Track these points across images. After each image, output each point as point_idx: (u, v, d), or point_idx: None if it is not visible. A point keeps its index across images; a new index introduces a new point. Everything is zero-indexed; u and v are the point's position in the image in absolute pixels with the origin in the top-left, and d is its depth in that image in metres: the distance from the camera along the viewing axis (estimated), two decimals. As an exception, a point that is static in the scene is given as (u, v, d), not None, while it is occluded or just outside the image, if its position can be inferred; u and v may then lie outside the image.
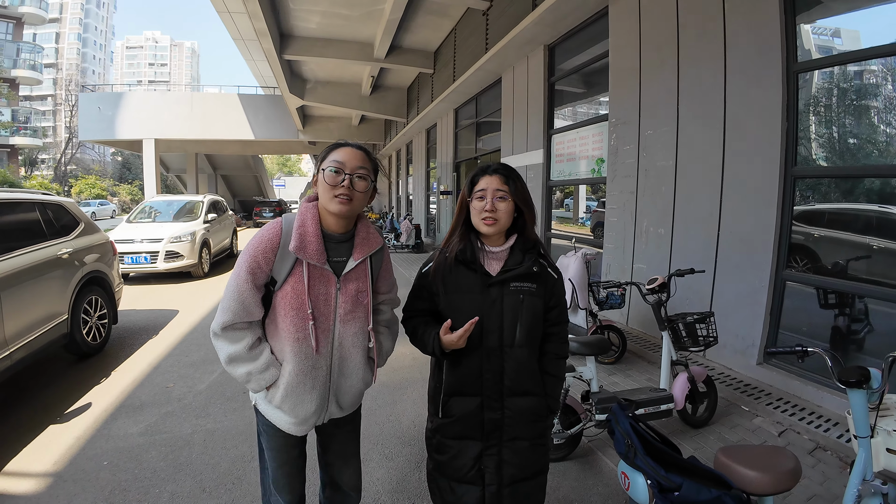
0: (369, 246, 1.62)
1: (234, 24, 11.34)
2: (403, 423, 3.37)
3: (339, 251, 1.58)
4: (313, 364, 1.56)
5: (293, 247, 1.48)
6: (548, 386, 1.62)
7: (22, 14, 33.57)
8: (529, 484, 1.60)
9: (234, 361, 1.53)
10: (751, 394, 3.67)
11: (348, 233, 1.61)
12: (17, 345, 3.52)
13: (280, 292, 1.53)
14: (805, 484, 2.58)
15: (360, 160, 1.54)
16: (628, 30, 5.33)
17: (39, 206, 4.34)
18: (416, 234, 13.59)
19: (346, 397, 1.69)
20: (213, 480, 2.72)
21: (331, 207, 1.51)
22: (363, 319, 1.64)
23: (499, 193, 1.52)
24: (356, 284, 1.60)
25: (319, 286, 1.54)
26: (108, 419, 3.49)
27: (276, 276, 1.52)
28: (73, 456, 3.00)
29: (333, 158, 1.53)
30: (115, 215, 31.78)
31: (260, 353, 1.55)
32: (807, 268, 3.81)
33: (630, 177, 5.35)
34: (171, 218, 9.81)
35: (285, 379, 1.55)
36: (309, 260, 1.50)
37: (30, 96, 50.17)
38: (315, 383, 1.58)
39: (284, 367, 1.55)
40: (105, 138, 23.71)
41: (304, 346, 1.53)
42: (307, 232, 1.52)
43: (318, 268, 1.53)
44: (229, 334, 1.52)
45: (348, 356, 1.63)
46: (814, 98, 3.78)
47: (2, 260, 3.54)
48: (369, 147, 1.89)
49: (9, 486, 2.69)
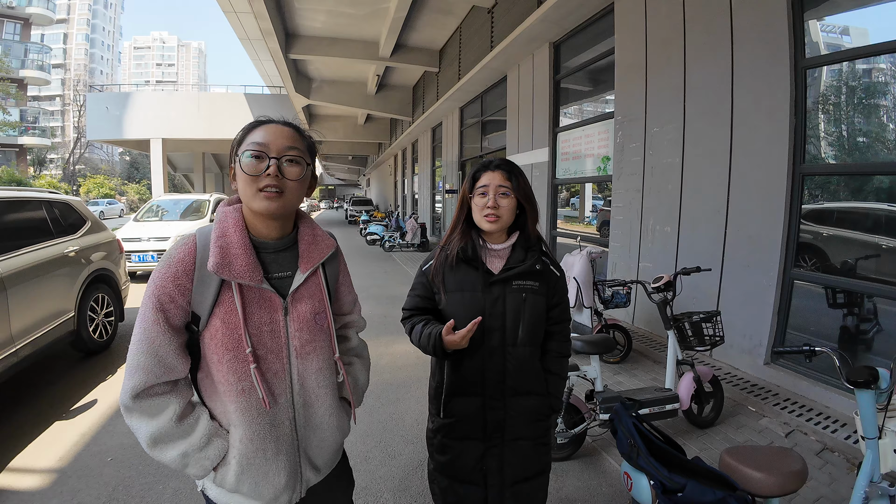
0: (320, 251, 1.26)
1: (240, 24, 11.37)
2: (406, 422, 3.36)
3: (279, 264, 1.22)
4: (270, 421, 1.17)
5: (213, 265, 1.09)
6: (550, 385, 1.60)
7: (29, 15, 33.81)
8: (531, 484, 1.59)
9: (161, 442, 1.10)
10: (758, 394, 3.64)
11: (288, 237, 1.24)
12: (23, 342, 3.54)
13: (207, 331, 1.13)
14: (812, 485, 2.55)
15: (289, 138, 1.17)
16: (634, 26, 5.29)
17: (46, 204, 4.37)
18: (422, 232, 13.59)
19: (322, 454, 1.29)
20: (216, 478, 2.72)
21: (255, 205, 1.14)
22: (326, 349, 1.27)
23: (501, 190, 1.49)
24: (310, 304, 1.23)
25: (260, 314, 1.16)
26: (113, 416, 3.51)
27: (197, 311, 1.13)
28: (77, 452, 3.02)
29: (252, 140, 1.14)
30: (124, 214, 32.00)
31: (195, 422, 1.13)
32: (815, 267, 3.77)
33: (636, 175, 5.31)
34: (178, 217, 9.86)
35: (237, 450, 1.15)
36: (239, 280, 1.11)
37: (38, 96, 50.67)
38: (279, 447, 1.18)
39: (232, 434, 1.15)
40: (113, 138, 23.90)
41: (252, 399, 1.14)
42: (230, 243, 1.13)
43: (253, 289, 1.15)
44: (146, 405, 1.09)
45: (315, 401, 1.25)
46: (822, 95, 3.74)
47: (9, 257, 3.56)
48: (303, 126, 1.25)
49: (14, 482, 2.71)
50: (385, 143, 24.84)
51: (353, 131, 23.35)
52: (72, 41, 62.41)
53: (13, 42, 32.61)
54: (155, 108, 22.83)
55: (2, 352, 3.32)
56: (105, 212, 29.37)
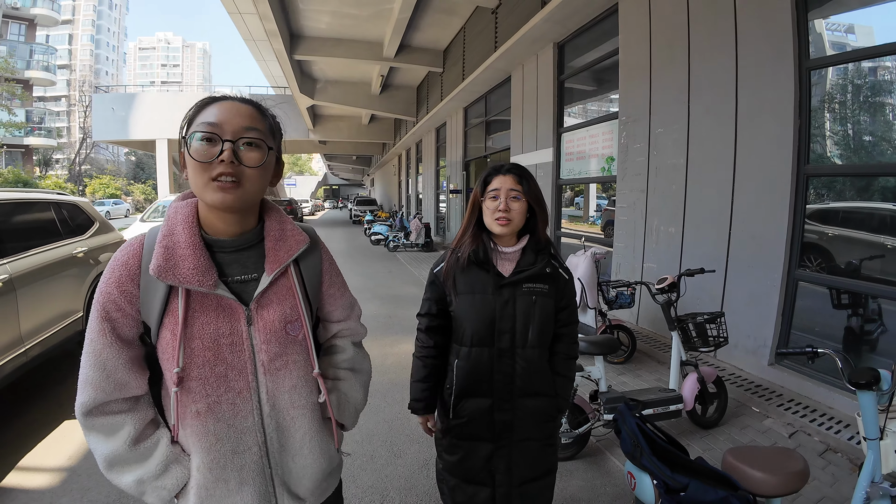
0: (288, 249, 1.07)
1: (245, 26, 11.44)
2: (412, 422, 3.38)
3: (241, 265, 1.04)
4: (233, 448, 1.01)
5: (154, 268, 0.94)
6: (558, 386, 1.62)
7: (34, 16, 33.98)
8: (539, 483, 1.61)
9: (116, 465, 0.98)
10: (762, 395, 3.64)
11: (251, 234, 1.06)
12: (33, 342, 3.58)
13: (159, 345, 0.98)
14: (815, 486, 2.56)
15: (247, 118, 0.99)
16: (638, 26, 5.30)
17: (54, 205, 4.41)
18: (426, 232, 13.62)
19: (304, 482, 1.11)
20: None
21: (207, 198, 0.96)
22: (302, 363, 1.09)
23: (512, 193, 1.51)
24: (279, 311, 1.05)
25: (218, 323, 0.99)
26: (122, 415, 3.55)
27: (147, 321, 0.98)
28: (87, 451, 3.04)
29: (202, 120, 0.96)
30: (129, 214, 32.16)
31: (152, 447, 1.00)
32: (820, 267, 3.77)
33: (640, 175, 5.32)
34: (183, 217, 9.92)
35: (195, 479, 1.01)
36: (186, 284, 0.95)
37: (44, 97, 50.91)
38: (243, 477, 1.02)
39: (191, 461, 1.01)
40: (119, 138, 24.11)
41: (209, 422, 0.99)
42: (177, 242, 0.97)
43: (208, 296, 0.99)
44: (99, 423, 0.97)
45: (290, 424, 1.08)
46: (828, 95, 3.74)
47: (18, 258, 3.60)
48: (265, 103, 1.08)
49: (24, 481, 2.74)
50: (389, 144, 24.88)
51: (357, 131, 23.42)
52: (77, 42, 62.78)
53: (18, 43, 32.77)
54: (160, 109, 23.00)
55: (12, 351, 3.35)
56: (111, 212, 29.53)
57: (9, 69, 25.93)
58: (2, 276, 3.33)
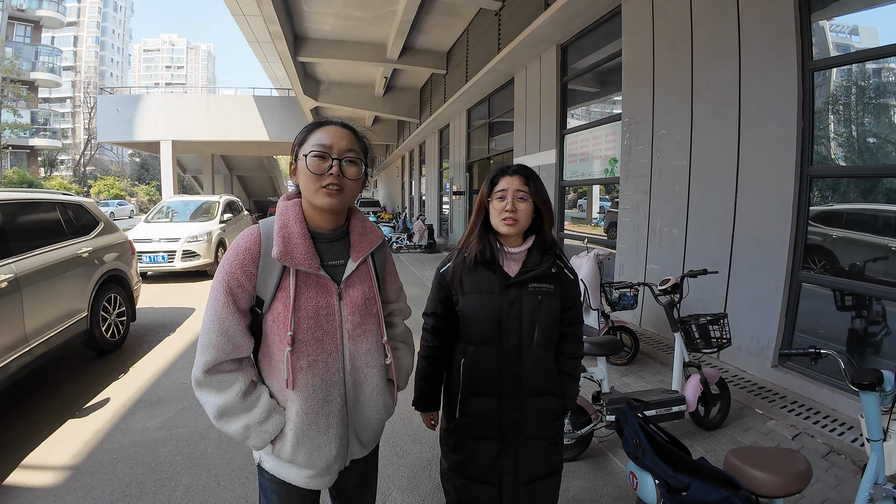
0: (369, 241, 1.37)
1: (249, 28, 11.49)
2: (414, 422, 3.39)
3: (333, 253, 1.32)
4: (324, 397, 1.28)
5: (277, 253, 1.21)
6: (564, 385, 1.63)
7: (40, 17, 34.04)
8: (545, 482, 1.61)
9: (227, 415, 1.22)
10: (765, 396, 3.64)
11: (341, 229, 1.35)
12: (37, 341, 3.61)
13: (270, 314, 1.25)
14: (818, 487, 2.56)
15: (349, 141, 1.28)
16: (641, 28, 5.30)
17: (59, 205, 4.44)
18: (429, 234, 13.63)
19: (368, 431, 1.41)
20: (228, 475, 2.77)
21: (317, 201, 1.25)
22: (376, 332, 1.38)
23: (519, 194, 1.53)
24: (361, 290, 1.34)
25: (318, 298, 1.26)
26: (126, 414, 3.57)
27: (261, 295, 1.24)
28: (91, 449, 3.07)
29: (316, 142, 1.25)
30: (133, 215, 32.35)
31: (257, 399, 1.25)
32: (824, 269, 3.76)
33: (643, 176, 5.32)
34: (188, 218, 9.97)
35: (293, 423, 1.26)
36: (298, 266, 1.23)
37: (49, 98, 51.21)
38: (330, 421, 1.29)
39: (289, 408, 1.27)
40: (123, 140, 24.17)
41: (308, 376, 1.26)
42: (291, 233, 1.24)
43: (311, 276, 1.26)
44: (215, 380, 1.21)
45: (364, 380, 1.36)
46: (832, 96, 3.73)
47: (23, 258, 3.63)
48: (358, 126, 1.38)
49: (28, 479, 2.76)
50: (392, 145, 24.91)
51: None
52: (82, 44, 63.07)
53: (24, 44, 32.90)
54: (165, 111, 23.08)
55: (16, 351, 3.38)
56: (115, 213, 29.69)
57: (14, 70, 26.07)
58: (7, 276, 3.36)
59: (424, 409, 1.72)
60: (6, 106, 26.44)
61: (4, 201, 3.71)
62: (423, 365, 1.69)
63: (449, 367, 1.67)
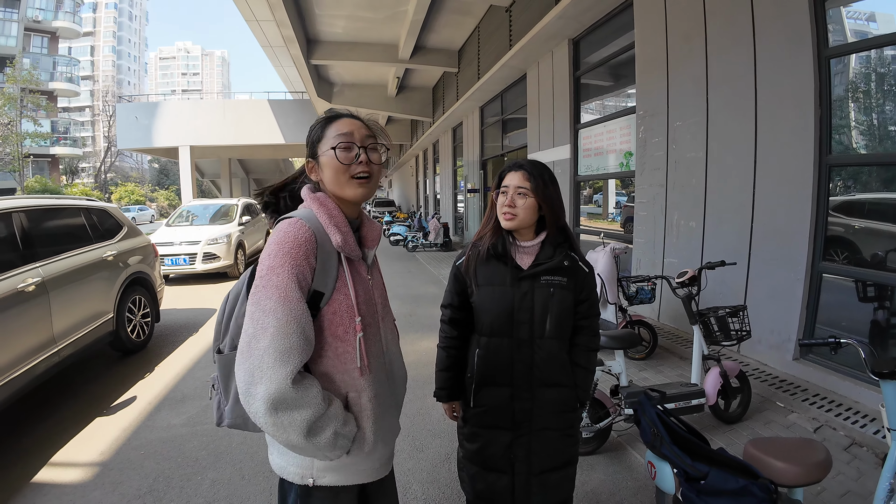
0: (376, 231, 1.38)
1: (262, 33, 11.61)
2: (433, 417, 3.42)
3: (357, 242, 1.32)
4: (383, 378, 1.29)
5: (338, 242, 1.18)
6: (578, 378, 1.64)
7: (56, 28, 34.65)
8: (558, 474, 1.63)
9: (317, 427, 1.09)
10: (786, 389, 3.59)
11: (357, 219, 1.34)
12: (65, 342, 3.71)
13: (329, 308, 1.17)
14: (840, 480, 2.53)
15: (364, 128, 1.27)
16: (654, 20, 5.26)
17: (84, 211, 4.57)
18: (444, 232, 13.65)
19: (400, 406, 1.43)
20: (252, 468, 2.83)
21: (349, 193, 1.23)
22: (391, 312, 1.45)
23: (519, 190, 1.55)
24: (380, 274, 1.41)
25: (363, 283, 1.26)
26: (153, 411, 3.66)
27: (320, 288, 1.16)
28: (119, 446, 3.16)
29: (337, 133, 1.22)
30: (154, 220, 32.93)
31: (331, 398, 1.15)
32: (845, 260, 3.70)
33: (659, 170, 5.27)
34: (207, 221, 10.15)
35: (368, 412, 1.21)
36: (350, 254, 1.21)
37: (68, 108, 52.24)
38: (388, 400, 1.31)
39: (357, 401, 1.20)
40: (142, 146, 24.67)
41: (376, 362, 1.25)
42: (341, 223, 1.20)
43: (354, 262, 1.25)
44: (301, 392, 1.06)
45: (393, 358, 1.38)
46: (851, 84, 3.66)
47: (50, 262, 3.74)
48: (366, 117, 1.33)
49: (56, 476, 2.85)
50: (406, 145, 24.99)
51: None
52: (99, 53, 64.45)
53: (41, 55, 33.58)
54: (182, 117, 23.51)
55: (45, 352, 3.48)
56: (136, 218, 30.26)
57: (33, 81, 26.66)
58: (35, 280, 3.46)
59: (446, 399, 1.75)
60: (26, 116, 27.05)
61: (31, 207, 3.82)
62: (442, 356, 1.73)
63: (465, 357, 1.70)
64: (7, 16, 31.43)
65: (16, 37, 31.50)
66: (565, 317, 1.58)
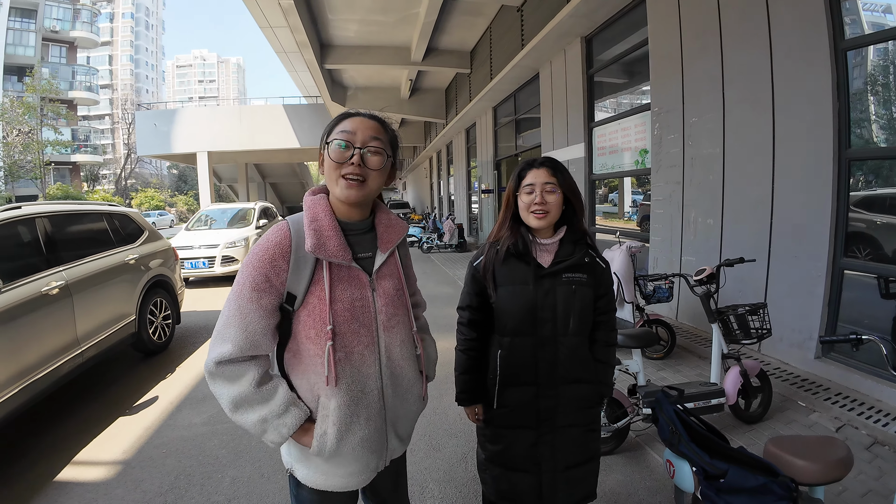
0: (396, 233, 1.35)
1: (276, 39, 11.75)
2: (449, 416, 3.43)
3: (362, 245, 1.30)
4: (361, 389, 1.25)
5: (310, 245, 1.17)
6: (599, 373, 1.64)
7: (74, 38, 35.35)
8: (583, 469, 1.63)
9: (242, 406, 1.18)
10: (808, 388, 3.53)
11: (367, 221, 1.32)
12: (88, 343, 3.80)
13: (303, 309, 1.21)
14: (861, 479, 2.48)
15: (374, 130, 1.25)
16: (667, 15, 5.20)
17: (107, 216, 4.67)
18: (459, 233, 13.66)
19: (406, 424, 1.40)
20: (271, 467, 2.87)
21: (337, 192, 1.23)
22: (407, 323, 1.36)
23: (547, 186, 1.54)
24: (392, 282, 1.32)
25: (352, 290, 1.23)
26: (174, 411, 3.73)
27: (292, 291, 1.20)
28: (141, 445, 3.22)
29: (341, 129, 1.23)
30: (174, 224, 33.49)
31: (273, 390, 1.20)
32: (867, 255, 3.61)
33: (675, 167, 5.22)
34: (225, 225, 10.31)
35: (334, 417, 1.21)
36: (332, 258, 1.20)
37: (88, 116, 53.37)
38: (370, 413, 1.26)
39: (327, 404, 1.22)
40: (161, 153, 25.14)
41: (347, 368, 1.22)
42: (322, 226, 1.20)
43: (344, 268, 1.23)
44: (227, 370, 1.17)
45: (400, 372, 1.33)
46: (869, 76, 3.59)
47: (74, 266, 3.83)
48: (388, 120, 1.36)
49: (79, 474, 2.91)
50: (420, 146, 25.05)
51: (387, 136, 23.72)
52: (117, 62, 65.67)
53: (60, 65, 34.34)
54: (200, 123, 23.91)
55: (68, 353, 3.56)
56: (157, 222, 30.80)
57: (52, 90, 27.27)
58: (59, 283, 3.55)
59: (468, 403, 1.71)
60: (47, 124, 27.69)
61: (55, 213, 3.92)
62: (462, 359, 1.71)
63: (485, 359, 1.69)
64: (24, 26, 32.25)
65: (34, 47, 32.32)
66: (587, 313, 1.58)
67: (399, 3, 9.63)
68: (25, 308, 3.19)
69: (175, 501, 2.59)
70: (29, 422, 3.55)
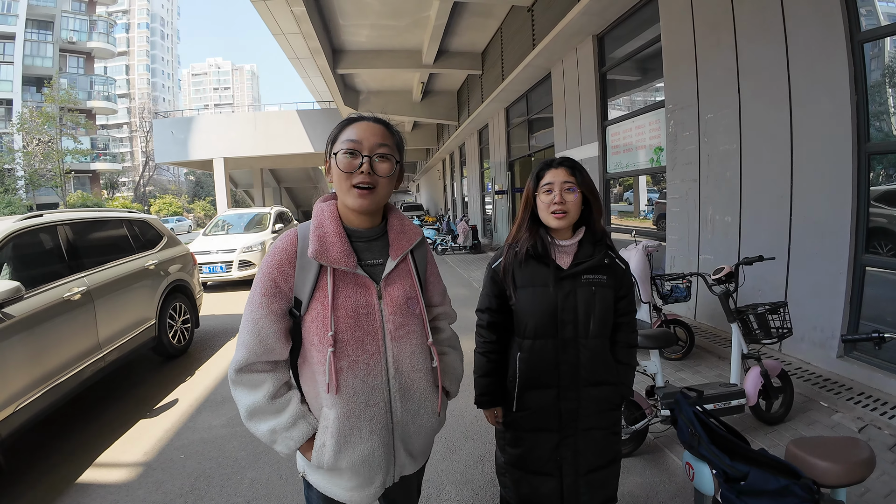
0: (408, 239, 1.32)
1: (289, 45, 11.87)
2: (466, 419, 3.43)
3: (371, 252, 1.28)
4: (365, 401, 1.22)
5: (312, 251, 1.17)
6: (620, 374, 1.63)
7: (91, 49, 35.94)
8: (605, 472, 1.62)
9: (255, 416, 1.21)
10: (830, 388, 3.45)
11: (378, 228, 1.30)
12: (110, 348, 3.87)
13: (309, 315, 1.21)
14: (884, 480, 2.43)
15: (380, 136, 1.23)
16: (680, 11, 5.15)
17: (126, 223, 4.76)
18: (473, 234, 13.65)
19: (418, 440, 1.33)
20: (290, 469, 2.90)
21: (349, 202, 1.22)
22: (420, 334, 1.31)
23: (566, 186, 1.53)
24: (402, 290, 1.28)
25: (357, 297, 1.21)
26: (194, 413, 3.79)
27: (299, 296, 1.21)
28: (162, 447, 3.27)
29: (346, 138, 1.21)
30: (192, 230, 33.97)
31: (286, 403, 1.22)
32: (889, 252, 3.53)
33: (691, 164, 5.15)
34: (242, 230, 10.43)
35: (333, 429, 1.20)
36: (334, 264, 1.19)
37: (106, 125, 54.29)
38: (373, 426, 1.22)
39: (328, 414, 1.21)
40: (179, 160, 25.55)
41: (348, 378, 1.20)
42: (326, 232, 1.21)
43: (349, 274, 1.22)
44: (247, 379, 1.20)
45: (411, 385, 1.28)
46: (887, 68, 3.50)
47: (95, 272, 3.91)
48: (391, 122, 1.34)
49: (101, 476, 2.96)
50: (433, 149, 25.10)
51: (400, 139, 23.83)
52: (133, 72, 66.88)
53: (78, 75, 35.03)
54: (216, 130, 24.27)
55: (90, 357, 3.63)
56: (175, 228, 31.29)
57: (71, 100, 27.85)
58: (81, 289, 3.62)
59: (488, 406, 1.69)
60: (66, 134, 28.27)
61: (76, 220, 4.01)
62: (482, 361, 1.69)
63: (505, 361, 1.68)
64: (41, 37, 32.97)
65: (52, 58, 33.01)
66: (608, 315, 1.57)
67: (410, 7, 9.68)
68: (48, 313, 3.26)
69: (195, 503, 2.63)
70: (53, 425, 3.63)
